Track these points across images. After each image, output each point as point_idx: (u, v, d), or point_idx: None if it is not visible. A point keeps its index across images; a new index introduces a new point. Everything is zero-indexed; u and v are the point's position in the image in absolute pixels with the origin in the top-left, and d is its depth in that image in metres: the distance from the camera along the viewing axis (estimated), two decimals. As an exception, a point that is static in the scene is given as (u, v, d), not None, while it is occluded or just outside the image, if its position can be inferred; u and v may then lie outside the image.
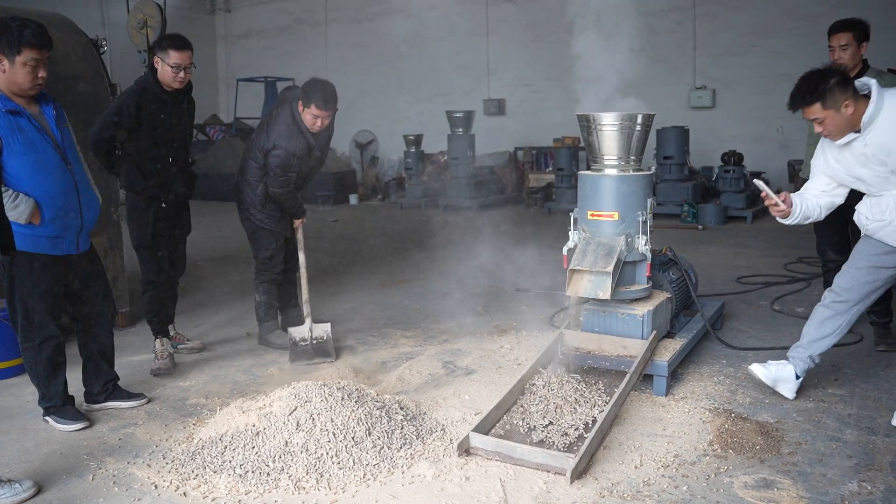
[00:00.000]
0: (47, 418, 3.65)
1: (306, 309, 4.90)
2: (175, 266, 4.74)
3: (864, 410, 3.63)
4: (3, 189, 3.22)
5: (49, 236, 3.45)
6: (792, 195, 3.66)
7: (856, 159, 3.42)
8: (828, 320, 3.71)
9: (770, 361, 3.80)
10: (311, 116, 4.66)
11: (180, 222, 4.70)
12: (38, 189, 3.37)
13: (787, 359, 3.78)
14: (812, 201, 3.65)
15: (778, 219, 3.68)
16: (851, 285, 3.65)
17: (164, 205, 4.50)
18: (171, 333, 4.81)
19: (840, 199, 3.66)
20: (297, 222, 4.96)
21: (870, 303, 3.71)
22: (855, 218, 3.62)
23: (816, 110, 3.31)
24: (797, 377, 3.73)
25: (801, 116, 3.43)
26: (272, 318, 5.01)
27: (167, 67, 4.28)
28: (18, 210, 3.29)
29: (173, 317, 4.86)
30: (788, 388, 3.74)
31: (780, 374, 3.73)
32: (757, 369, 3.77)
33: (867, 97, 3.31)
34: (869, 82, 3.33)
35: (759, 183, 3.66)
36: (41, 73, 3.35)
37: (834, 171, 3.56)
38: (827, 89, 3.25)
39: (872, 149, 3.33)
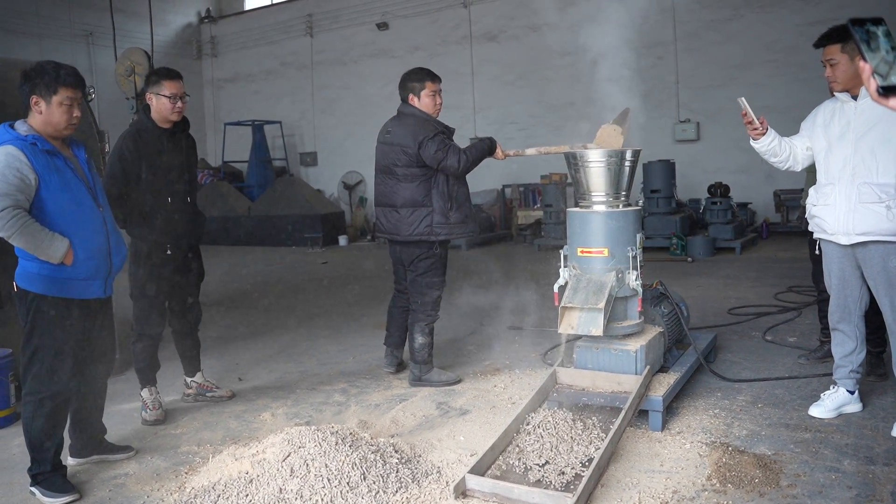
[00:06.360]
0: (33, 489, 3.42)
1: None
2: (187, 314, 4.58)
3: (861, 440, 3.61)
4: (37, 227, 3.23)
5: (81, 278, 3.42)
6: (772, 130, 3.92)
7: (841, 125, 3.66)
8: (844, 340, 3.95)
9: (823, 395, 3.99)
10: (429, 98, 4.69)
11: (190, 268, 4.52)
12: (73, 228, 3.37)
13: (833, 384, 4.00)
14: (788, 142, 3.92)
15: (751, 141, 3.93)
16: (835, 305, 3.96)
17: (168, 251, 4.32)
18: (200, 381, 4.72)
19: (800, 167, 3.97)
20: (499, 152, 4.69)
21: (864, 306, 3.89)
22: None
23: (834, 51, 3.58)
24: (852, 392, 3.94)
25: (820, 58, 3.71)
26: (431, 358, 4.90)
27: (163, 100, 4.23)
28: (54, 247, 3.27)
29: (199, 365, 4.74)
30: (853, 406, 3.94)
31: (838, 401, 3.92)
32: (815, 411, 3.95)
33: None
34: None
35: (741, 101, 3.82)
36: (76, 113, 3.43)
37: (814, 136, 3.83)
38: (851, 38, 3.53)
39: (859, 119, 3.56)
